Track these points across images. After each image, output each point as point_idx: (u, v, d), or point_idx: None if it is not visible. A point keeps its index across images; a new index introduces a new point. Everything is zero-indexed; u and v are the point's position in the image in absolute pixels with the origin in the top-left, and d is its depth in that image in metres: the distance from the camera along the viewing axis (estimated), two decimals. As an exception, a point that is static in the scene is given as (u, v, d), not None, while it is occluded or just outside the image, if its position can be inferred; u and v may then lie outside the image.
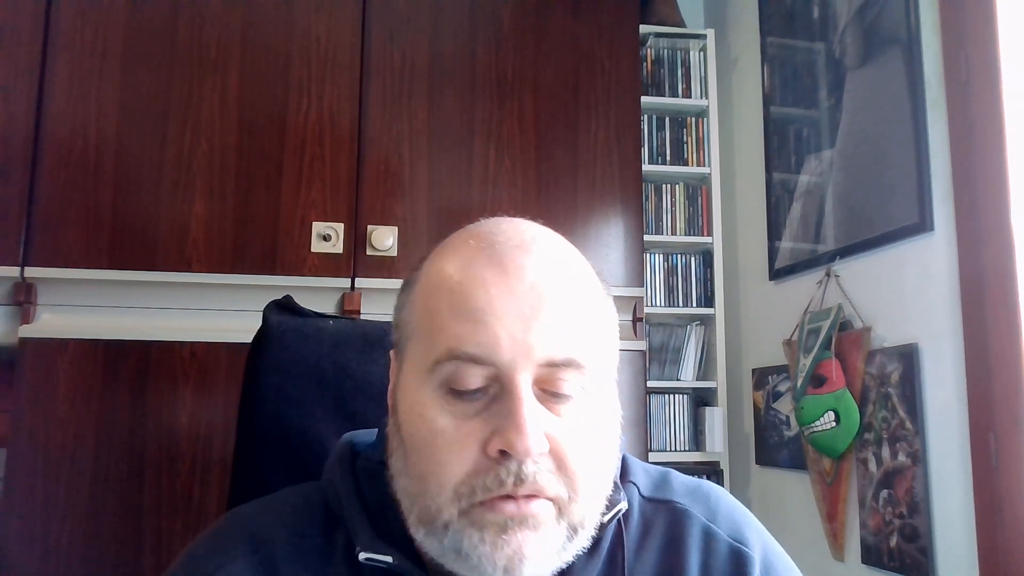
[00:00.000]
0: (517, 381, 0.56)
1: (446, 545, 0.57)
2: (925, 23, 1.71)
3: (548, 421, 0.57)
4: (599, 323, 0.62)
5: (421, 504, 0.58)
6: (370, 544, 0.61)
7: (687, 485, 0.73)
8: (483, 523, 0.56)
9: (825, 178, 2.03)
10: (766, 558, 0.69)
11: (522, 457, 0.55)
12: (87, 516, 1.80)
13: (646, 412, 2.14)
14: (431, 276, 0.62)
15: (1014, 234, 1.48)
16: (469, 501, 0.56)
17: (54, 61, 1.94)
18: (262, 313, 0.95)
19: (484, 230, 0.63)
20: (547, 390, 0.58)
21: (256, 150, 2.01)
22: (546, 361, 0.57)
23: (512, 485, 0.55)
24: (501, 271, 0.59)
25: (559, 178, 2.17)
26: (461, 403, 0.58)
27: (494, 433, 0.56)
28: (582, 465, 0.58)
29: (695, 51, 2.56)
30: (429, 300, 0.61)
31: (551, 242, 0.64)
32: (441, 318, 0.59)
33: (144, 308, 1.93)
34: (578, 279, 0.62)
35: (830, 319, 1.87)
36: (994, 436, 1.47)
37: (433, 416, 0.58)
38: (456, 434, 0.57)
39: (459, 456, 0.57)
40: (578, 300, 0.61)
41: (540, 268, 0.60)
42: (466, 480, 0.56)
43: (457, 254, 0.62)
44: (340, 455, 0.70)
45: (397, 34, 2.14)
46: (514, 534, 0.56)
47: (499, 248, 0.60)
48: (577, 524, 0.59)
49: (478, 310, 0.57)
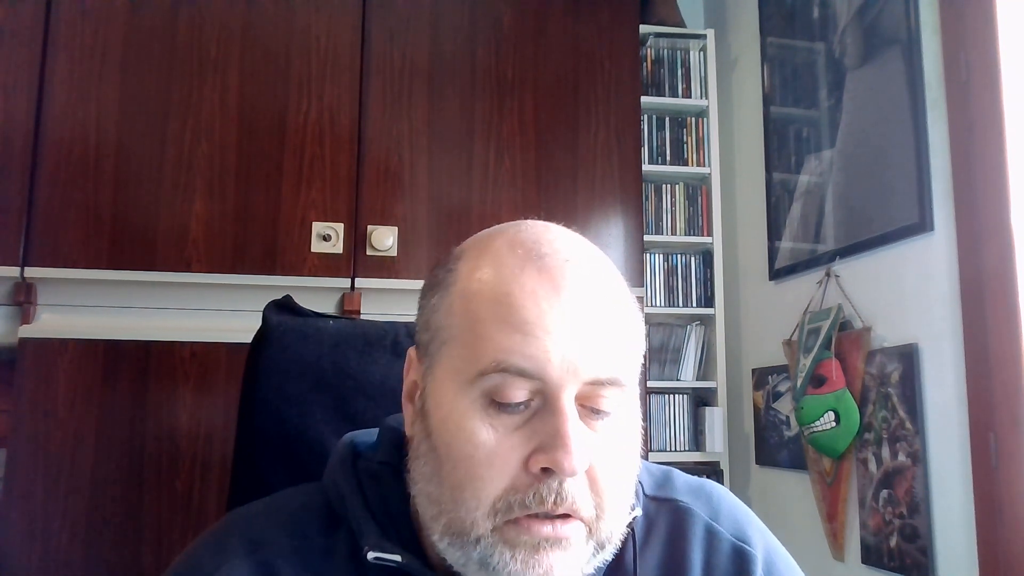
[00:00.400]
0: (563, 397, 0.56)
1: (473, 557, 0.57)
2: (925, 23, 1.71)
3: (588, 439, 0.57)
4: (637, 339, 0.62)
5: (453, 516, 0.57)
6: (378, 544, 0.61)
7: (689, 484, 0.73)
8: (516, 543, 0.56)
9: (825, 178, 2.03)
10: (768, 556, 0.69)
11: (567, 474, 0.55)
12: (87, 516, 1.80)
13: (646, 412, 2.14)
14: (472, 282, 0.60)
15: (1014, 234, 1.48)
16: (505, 517, 0.56)
17: (54, 61, 1.94)
18: (262, 313, 0.95)
19: (528, 238, 0.61)
20: (587, 406, 0.58)
21: (256, 150, 2.01)
22: (592, 379, 0.57)
23: (553, 504, 0.55)
24: (552, 286, 0.58)
25: (559, 178, 2.17)
26: (502, 416, 0.56)
27: (537, 450, 0.55)
28: (612, 483, 0.58)
29: (695, 51, 2.56)
30: (471, 306, 0.59)
31: (594, 256, 0.63)
32: (486, 327, 0.57)
33: (144, 308, 1.93)
34: (620, 295, 0.62)
35: (830, 319, 1.87)
36: (994, 436, 1.47)
37: (474, 428, 0.56)
38: (497, 448, 0.56)
39: (499, 471, 0.56)
40: (622, 318, 0.60)
41: (588, 284, 0.59)
42: (503, 496, 0.55)
43: (502, 261, 0.60)
44: (342, 456, 0.70)
45: (397, 34, 2.14)
46: (546, 555, 0.56)
47: (548, 260, 0.59)
48: (604, 541, 0.59)
49: (528, 323, 0.56)
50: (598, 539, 0.58)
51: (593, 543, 0.58)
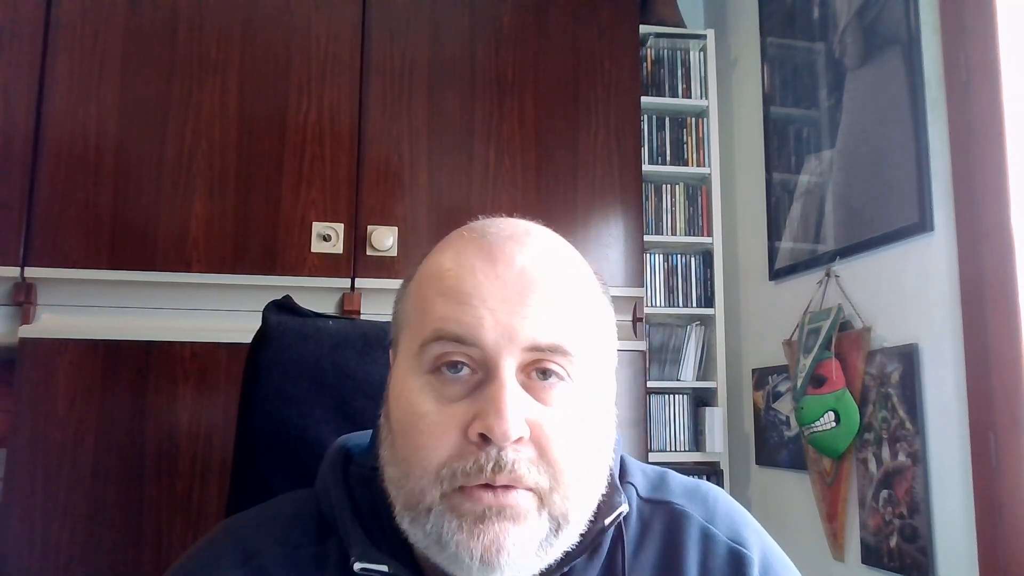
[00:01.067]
0: (501, 365, 0.57)
1: (428, 532, 0.57)
2: (925, 23, 1.71)
3: (531, 408, 0.57)
4: (589, 314, 0.62)
5: (405, 489, 0.58)
6: (365, 554, 0.60)
7: (685, 486, 0.72)
8: (461, 511, 0.56)
9: (825, 178, 2.03)
10: (765, 559, 0.69)
11: (501, 442, 0.55)
12: (87, 516, 1.80)
13: (646, 412, 2.14)
14: (425, 269, 0.64)
15: (1014, 234, 1.48)
16: (451, 485, 0.56)
17: (54, 61, 1.94)
18: (262, 313, 0.95)
19: (479, 224, 0.65)
20: (532, 376, 0.58)
21: (256, 150, 2.01)
22: (531, 344, 0.57)
23: (491, 472, 0.55)
24: (490, 258, 0.60)
25: (559, 178, 2.17)
26: (446, 387, 0.58)
27: (475, 417, 0.56)
28: (566, 455, 0.58)
29: (695, 51, 2.56)
30: (421, 288, 0.62)
31: (545, 235, 0.64)
32: (430, 302, 0.60)
33: (144, 308, 1.93)
34: (568, 269, 0.62)
35: (830, 319, 1.87)
36: (994, 436, 1.47)
37: (419, 400, 0.58)
38: (439, 417, 0.57)
39: (441, 439, 0.57)
40: (567, 289, 0.61)
41: (529, 256, 0.60)
42: (447, 463, 0.56)
43: (451, 246, 0.63)
44: (332, 462, 0.69)
45: (397, 34, 2.14)
46: (491, 524, 0.56)
47: (490, 238, 0.62)
48: (559, 516, 0.58)
49: (464, 293, 0.58)
50: (552, 512, 0.57)
51: (547, 516, 0.57)
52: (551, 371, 0.58)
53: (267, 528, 0.66)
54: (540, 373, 0.58)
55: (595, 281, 0.66)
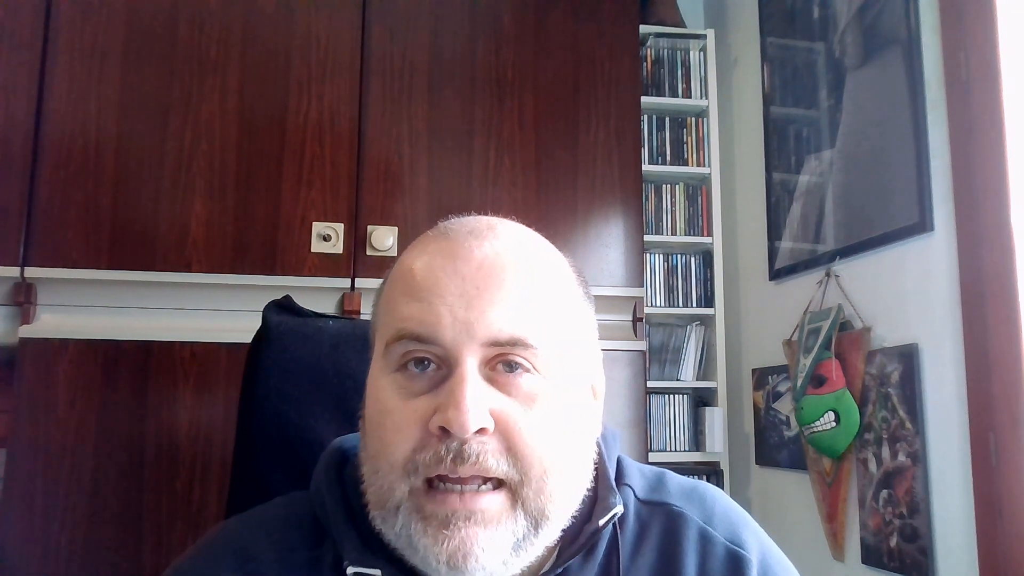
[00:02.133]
0: (460, 359, 0.57)
1: (398, 532, 0.58)
2: (925, 23, 1.71)
3: (495, 399, 0.57)
4: (557, 306, 0.62)
5: (375, 485, 0.59)
6: (359, 558, 0.60)
7: (683, 487, 0.72)
8: (425, 514, 0.56)
9: (825, 178, 2.02)
10: (763, 560, 0.68)
11: (459, 433, 0.55)
12: (87, 516, 1.80)
13: (646, 412, 2.13)
14: (394, 270, 0.65)
15: (1014, 234, 1.48)
16: (416, 479, 0.57)
17: (54, 61, 1.94)
18: (262, 313, 0.95)
19: (445, 223, 0.66)
20: (497, 369, 0.58)
21: (256, 150, 2.01)
22: (489, 340, 0.58)
23: (451, 462, 0.55)
24: (450, 255, 0.61)
25: (559, 178, 2.17)
26: (411, 383, 0.59)
27: (436, 410, 0.56)
28: (534, 446, 0.57)
29: (695, 51, 2.56)
30: (389, 289, 0.64)
31: (510, 230, 0.64)
32: (395, 302, 0.62)
33: (144, 308, 1.93)
34: (532, 262, 0.62)
35: (830, 319, 1.87)
36: (994, 436, 1.47)
37: (385, 397, 0.59)
38: (403, 412, 0.58)
39: (405, 434, 0.57)
40: (529, 281, 0.60)
41: (489, 250, 0.61)
42: (411, 456, 0.57)
43: (416, 246, 0.65)
44: (327, 464, 0.69)
45: (397, 34, 2.14)
46: (457, 529, 0.56)
47: (451, 235, 0.63)
48: (536, 513, 0.58)
49: (425, 291, 0.59)
50: (527, 508, 0.57)
51: (522, 514, 0.57)
52: (516, 363, 0.59)
53: (263, 531, 0.66)
54: (506, 365, 0.59)
55: (569, 275, 0.65)
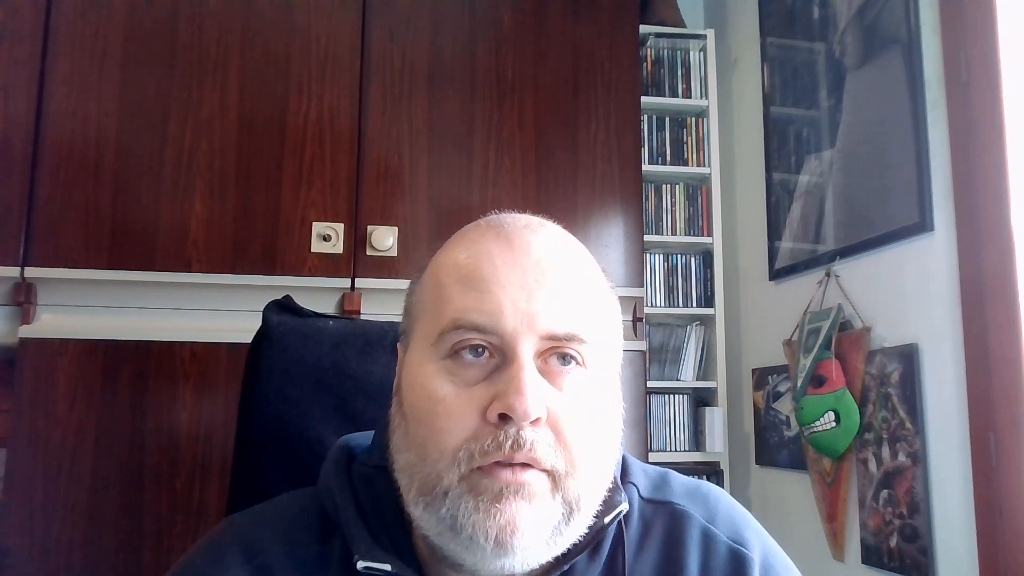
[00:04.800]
0: (519, 349, 0.57)
1: (443, 516, 0.57)
2: (925, 23, 1.71)
3: (548, 392, 0.58)
4: (602, 305, 0.64)
5: (422, 473, 0.58)
6: (369, 552, 0.61)
7: (686, 486, 0.72)
8: (479, 489, 0.57)
9: (825, 178, 2.03)
10: (765, 559, 0.69)
11: (521, 419, 0.56)
12: (87, 516, 1.80)
13: (646, 412, 2.14)
14: (441, 259, 0.64)
15: (1014, 234, 1.48)
16: (468, 466, 0.57)
17: (54, 61, 1.94)
18: (262, 313, 0.95)
19: (494, 217, 0.66)
20: (549, 362, 0.59)
21: (256, 150, 2.01)
22: (548, 332, 0.58)
23: (510, 449, 0.56)
24: (507, 246, 0.61)
25: (559, 178, 2.17)
26: (463, 371, 0.58)
27: (495, 398, 0.57)
28: (580, 439, 0.58)
29: (695, 51, 2.56)
30: (437, 278, 0.63)
31: (557, 228, 0.66)
32: (448, 291, 0.61)
33: (144, 308, 1.93)
34: (581, 262, 0.64)
35: (830, 319, 1.87)
36: (994, 436, 1.47)
37: (436, 385, 0.59)
38: (457, 401, 0.58)
39: (460, 422, 0.57)
40: (581, 278, 0.62)
41: (546, 245, 0.62)
42: (465, 445, 0.57)
43: (466, 237, 0.65)
44: (336, 460, 0.69)
45: (397, 34, 2.14)
46: (508, 503, 0.56)
47: (507, 228, 0.63)
48: (572, 501, 0.58)
49: (483, 280, 0.59)
50: (566, 496, 0.58)
51: (560, 499, 0.58)
52: (569, 356, 0.59)
53: (271, 526, 0.66)
54: (559, 358, 0.59)
55: (603, 276, 0.67)
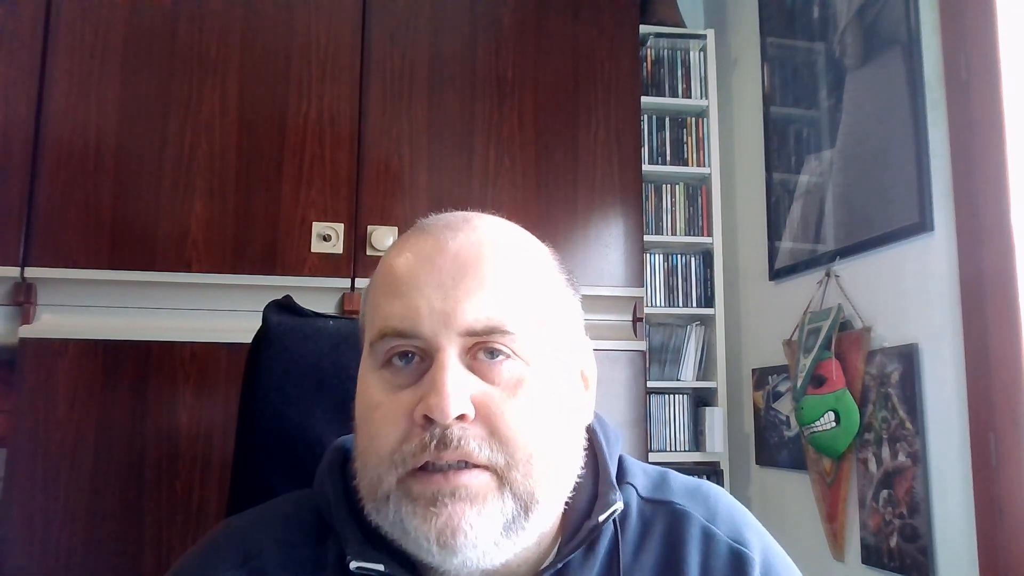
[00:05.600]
0: (440, 348, 0.58)
1: (392, 520, 0.58)
2: (925, 23, 1.71)
3: (476, 386, 0.58)
4: (536, 294, 0.63)
5: (367, 478, 0.60)
6: (360, 552, 0.61)
7: (686, 485, 0.72)
8: (413, 495, 0.57)
9: (825, 178, 2.03)
10: (766, 559, 0.69)
11: (441, 420, 0.56)
12: (87, 516, 1.80)
13: (646, 412, 2.14)
14: (377, 270, 0.66)
15: (1014, 234, 1.48)
16: (403, 468, 0.57)
17: (54, 61, 1.94)
18: (262, 313, 0.95)
19: (428, 220, 0.67)
20: (478, 358, 0.59)
21: (256, 150, 2.01)
22: (466, 328, 0.58)
23: (434, 449, 0.56)
24: (425, 250, 0.62)
25: (559, 178, 2.17)
26: (396, 377, 0.60)
27: (420, 400, 0.57)
28: (519, 431, 0.58)
29: (695, 51, 2.56)
30: (371, 289, 0.65)
31: (487, 222, 0.65)
32: (377, 300, 0.63)
33: (144, 308, 1.93)
34: (509, 250, 0.63)
35: (830, 319, 1.87)
36: (994, 436, 1.47)
37: (372, 392, 0.60)
38: (390, 406, 0.59)
39: (392, 426, 0.58)
40: (506, 269, 0.61)
41: (465, 241, 0.62)
42: (397, 447, 0.58)
43: (396, 245, 0.66)
44: (330, 461, 0.70)
45: (397, 34, 2.14)
46: (444, 506, 0.56)
47: (428, 229, 0.64)
48: (525, 495, 0.58)
49: (402, 285, 0.61)
50: (515, 491, 0.58)
51: (510, 495, 0.58)
52: (496, 350, 0.59)
53: (266, 528, 0.66)
54: (486, 353, 0.59)
55: (549, 264, 0.66)
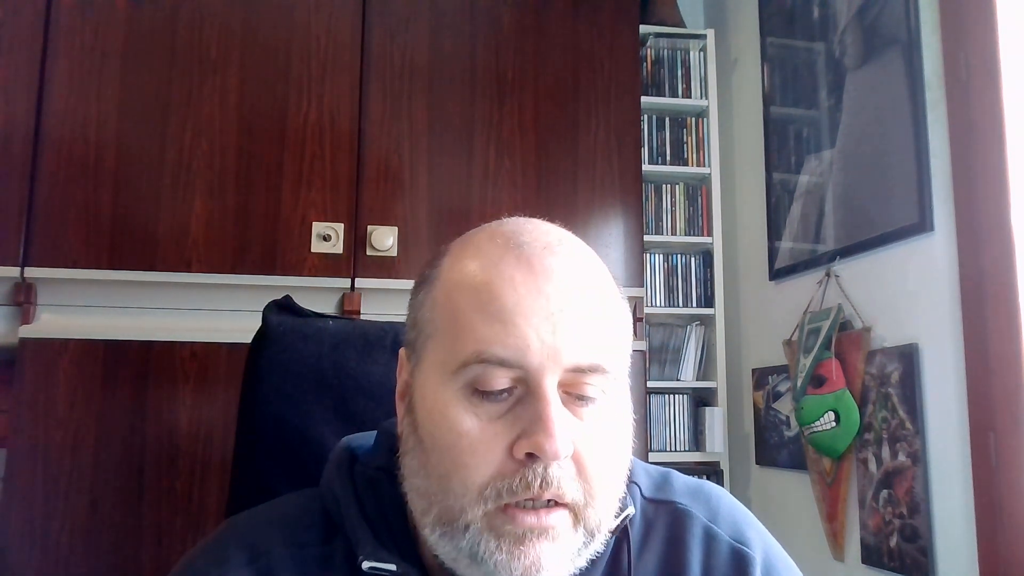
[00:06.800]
0: (544, 384, 0.56)
1: (462, 548, 0.57)
2: (925, 23, 1.71)
3: (572, 425, 0.57)
4: (621, 328, 0.62)
5: (443, 504, 0.57)
6: (373, 553, 0.61)
7: (688, 485, 0.72)
8: (502, 532, 0.56)
9: (825, 178, 2.03)
10: (767, 559, 0.69)
11: (551, 459, 0.55)
12: (87, 516, 1.80)
13: (646, 412, 2.14)
14: (454, 273, 0.61)
15: (1014, 234, 1.48)
16: (495, 504, 0.56)
17: (54, 61, 1.94)
18: (262, 313, 0.95)
19: (508, 229, 0.62)
20: (571, 393, 0.58)
21: (256, 150, 2.01)
22: (574, 366, 0.57)
23: (539, 488, 0.55)
24: (529, 271, 0.58)
25: (559, 178, 2.17)
26: (486, 404, 0.57)
27: (521, 436, 0.56)
28: (601, 470, 0.58)
29: (695, 51, 2.56)
30: (452, 297, 0.60)
31: (576, 246, 0.63)
32: (466, 317, 0.58)
33: (144, 308, 1.93)
34: (603, 283, 0.62)
35: (830, 319, 1.87)
36: (994, 436, 1.47)
37: (458, 417, 0.57)
38: (481, 436, 0.56)
39: (484, 458, 0.56)
40: (604, 304, 0.60)
41: (567, 270, 0.59)
42: (490, 482, 0.56)
43: (482, 252, 0.61)
44: (338, 462, 0.69)
45: (397, 34, 2.14)
46: (532, 545, 0.56)
47: (527, 249, 0.59)
48: (593, 529, 0.59)
49: (506, 310, 0.57)
50: (587, 526, 0.58)
51: (582, 531, 0.58)
52: (587, 393, 0.58)
53: (274, 527, 0.66)
54: (579, 390, 0.58)
55: (617, 290, 0.65)
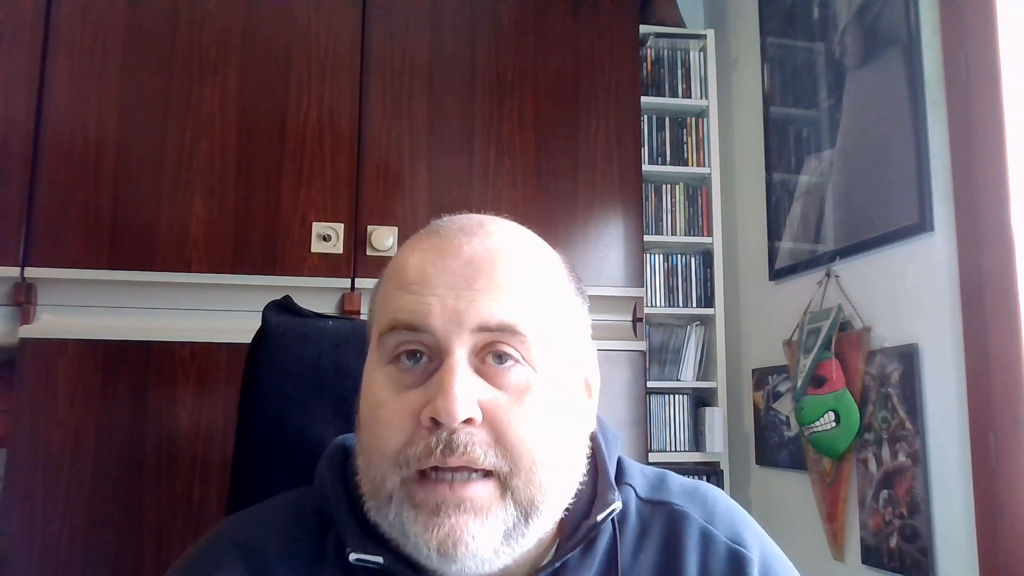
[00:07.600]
0: (451, 349, 0.58)
1: (392, 521, 0.59)
2: (925, 23, 1.71)
3: (484, 391, 0.58)
4: (547, 299, 0.63)
5: (368, 477, 0.60)
6: (360, 545, 0.61)
7: (684, 486, 0.72)
8: (416, 502, 0.58)
9: (825, 178, 2.03)
10: (764, 559, 0.69)
11: (448, 423, 0.56)
12: (87, 516, 1.80)
13: (646, 412, 2.13)
14: (388, 267, 0.67)
15: (1014, 234, 1.48)
16: (408, 471, 0.57)
17: (54, 61, 1.94)
18: (262, 313, 0.95)
19: (441, 221, 0.67)
20: (487, 361, 0.59)
21: (256, 150, 2.01)
22: (479, 325, 0.58)
23: (440, 454, 0.56)
24: (439, 251, 0.62)
25: (559, 178, 2.17)
26: (404, 376, 0.60)
27: (427, 402, 0.57)
28: (524, 438, 0.58)
29: (695, 51, 2.56)
30: (383, 285, 0.66)
31: (501, 227, 0.65)
32: (389, 296, 0.63)
33: (144, 308, 1.93)
34: (522, 256, 0.63)
35: (830, 319, 1.87)
36: (994, 436, 1.47)
37: (378, 390, 0.60)
38: (395, 405, 0.59)
39: (397, 427, 0.58)
40: (519, 272, 0.62)
41: (479, 245, 0.62)
42: (402, 449, 0.58)
43: (409, 244, 0.66)
44: (330, 457, 0.70)
45: (397, 34, 2.14)
46: (447, 517, 0.56)
47: (443, 232, 0.64)
48: (526, 503, 0.58)
49: (414, 283, 0.61)
50: (517, 498, 0.58)
51: (512, 503, 0.58)
52: (506, 354, 0.59)
53: (267, 524, 0.67)
54: (495, 357, 0.59)
55: (560, 270, 0.66)
